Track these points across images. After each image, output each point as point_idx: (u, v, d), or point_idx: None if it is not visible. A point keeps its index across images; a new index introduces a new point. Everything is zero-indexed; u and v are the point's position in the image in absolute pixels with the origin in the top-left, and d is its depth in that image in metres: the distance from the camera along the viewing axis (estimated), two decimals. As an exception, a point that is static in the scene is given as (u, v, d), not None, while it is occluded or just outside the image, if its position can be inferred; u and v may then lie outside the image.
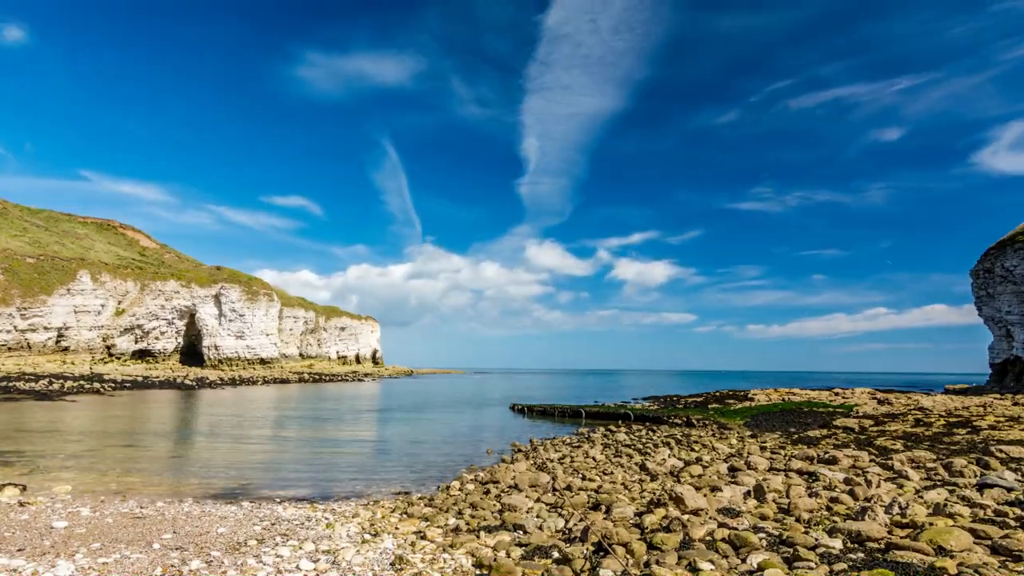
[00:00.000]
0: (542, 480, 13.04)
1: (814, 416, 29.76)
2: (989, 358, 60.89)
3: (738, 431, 25.30)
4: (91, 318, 74.56)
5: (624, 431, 25.15)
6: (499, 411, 39.53)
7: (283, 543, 8.43)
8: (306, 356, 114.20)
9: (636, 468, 15.12)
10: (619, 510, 9.62)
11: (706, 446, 19.74)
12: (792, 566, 6.70)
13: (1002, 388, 52.82)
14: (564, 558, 7.38)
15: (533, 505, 10.97)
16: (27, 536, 8.52)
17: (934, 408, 31.27)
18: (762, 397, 45.19)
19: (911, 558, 6.64)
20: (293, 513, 10.65)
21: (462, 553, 7.99)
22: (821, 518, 9.18)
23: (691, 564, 6.90)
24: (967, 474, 12.59)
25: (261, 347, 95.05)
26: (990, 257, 59.24)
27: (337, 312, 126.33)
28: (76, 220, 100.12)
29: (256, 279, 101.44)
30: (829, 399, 41.92)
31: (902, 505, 9.06)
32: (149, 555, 7.71)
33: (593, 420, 32.84)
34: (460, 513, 10.58)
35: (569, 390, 74.05)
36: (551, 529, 9.13)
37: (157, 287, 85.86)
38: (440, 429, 28.20)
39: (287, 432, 25.26)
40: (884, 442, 18.90)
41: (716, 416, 30.42)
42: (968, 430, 21.12)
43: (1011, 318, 56.24)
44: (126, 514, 10.19)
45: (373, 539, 8.73)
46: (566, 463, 16.40)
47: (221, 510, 10.82)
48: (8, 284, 65.89)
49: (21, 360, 64.61)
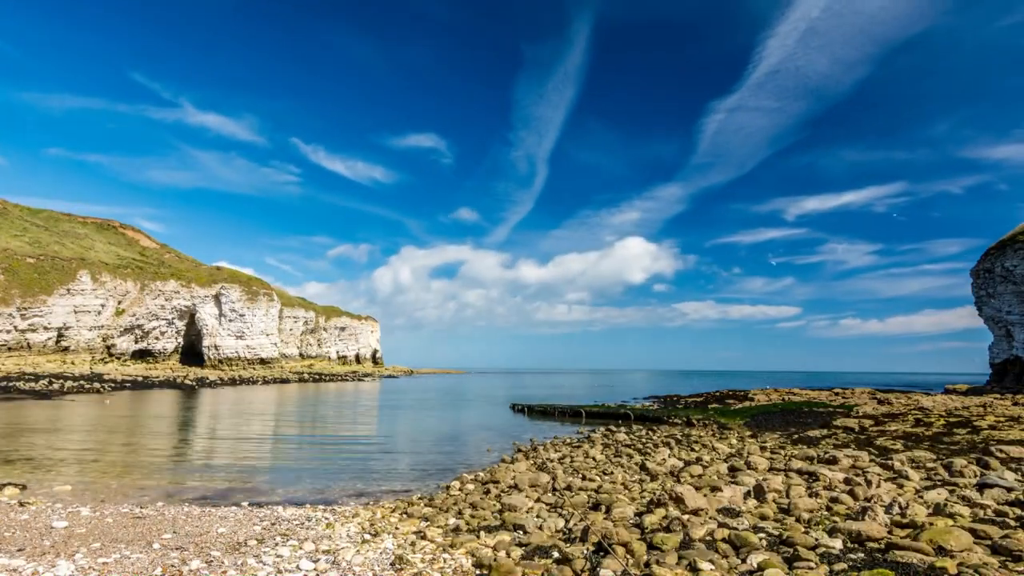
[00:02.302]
0: (542, 480, 13.04)
1: (814, 416, 29.73)
2: (989, 358, 60.85)
3: (738, 431, 25.29)
4: (91, 318, 74.56)
5: (624, 431, 25.14)
6: (499, 411, 39.53)
7: (283, 543, 8.42)
8: (306, 356, 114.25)
9: (636, 468, 15.11)
10: (619, 510, 9.62)
11: (706, 446, 19.73)
12: (792, 566, 6.70)
13: (1002, 388, 52.79)
14: (564, 558, 7.38)
15: (533, 505, 10.97)
16: (27, 536, 8.52)
17: (934, 408, 31.24)
18: (762, 397, 45.20)
19: (911, 558, 6.63)
20: (293, 513, 10.65)
21: (462, 553, 7.98)
22: (821, 518, 9.18)
23: (691, 564, 6.90)
24: (967, 474, 12.59)
25: (261, 347, 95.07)
26: (990, 257, 59.20)
27: (337, 312, 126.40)
28: (76, 220, 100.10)
29: (256, 279, 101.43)
30: (829, 399, 41.91)
31: (902, 505, 9.06)
32: (149, 555, 7.71)
33: (593, 420, 32.84)
34: (460, 513, 10.57)
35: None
36: (551, 529, 9.12)
37: (157, 287, 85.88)
38: (440, 429, 28.19)
39: (287, 432, 25.26)
40: (884, 442, 18.90)
41: (716, 416, 30.42)
42: (968, 430, 21.11)
43: (1011, 318, 56.25)
44: (126, 514, 10.19)
45: (373, 539, 8.73)
46: (566, 463, 16.39)
47: (221, 510, 10.82)
48: (8, 284, 65.89)
49: (21, 360, 64.61)
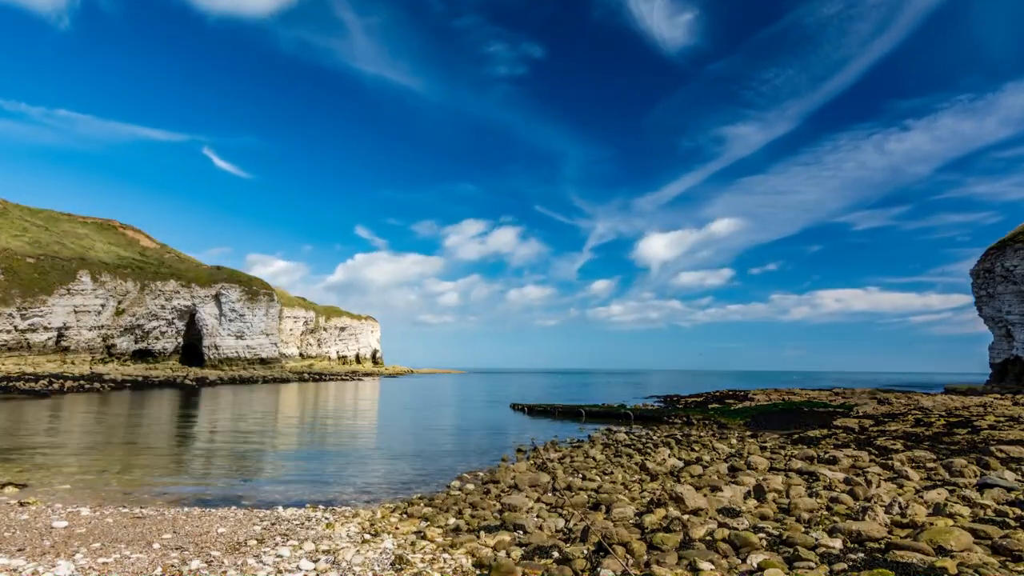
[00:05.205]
0: (542, 480, 13.04)
1: (814, 416, 29.72)
2: (989, 358, 60.88)
3: (738, 431, 25.29)
4: (91, 318, 74.55)
5: (624, 431, 25.14)
6: (499, 410, 39.53)
7: (283, 543, 8.42)
8: (306, 356, 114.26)
9: (636, 468, 15.11)
10: (619, 510, 9.62)
11: (706, 446, 19.72)
12: (792, 566, 6.70)
13: (1002, 388, 52.78)
14: (564, 558, 7.38)
15: (533, 505, 10.96)
16: (27, 536, 8.52)
17: (934, 408, 31.24)
18: (762, 397, 45.21)
19: (911, 558, 6.63)
20: (293, 513, 10.65)
21: (462, 553, 7.98)
22: (821, 518, 9.18)
23: (691, 564, 6.90)
24: (967, 474, 12.59)
25: (261, 347, 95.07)
26: (990, 257, 59.22)
27: (337, 312, 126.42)
28: (76, 220, 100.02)
29: (256, 279, 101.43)
30: (829, 399, 41.90)
31: (902, 505, 9.06)
32: (149, 555, 7.70)
33: (593, 420, 32.84)
34: (460, 513, 10.57)
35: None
36: (551, 529, 9.12)
37: (157, 287, 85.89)
38: (440, 428, 28.19)
39: (286, 432, 25.25)
40: (884, 442, 18.89)
41: (716, 416, 30.42)
42: (968, 430, 21.10)
43: (1011, 318, 56.27)
44: (126, 514, 10.19)
45: (373, 539, 8.73)
46: (566, 463, 16.39)
47: (221, 510, 10.82)
48: (8, 284, 65.89)
49: (21, 360, 64.61)
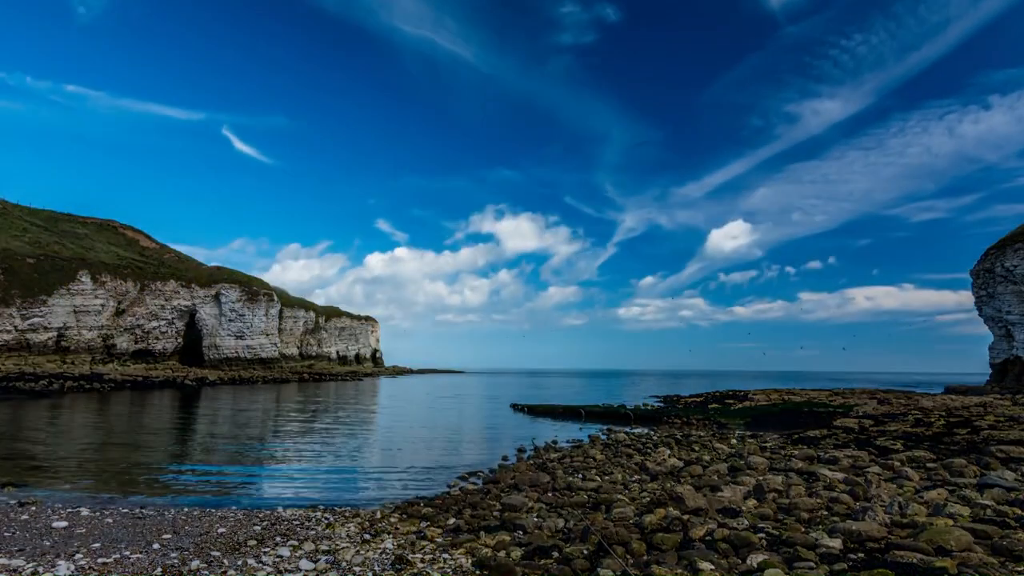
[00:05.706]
0: (542, 480, 13.03)
1: (814, 416, 29.70)
2: (989, 358, 60.82)
3: (738, 431, 25.29)
4: (91, 318, 74.53)
5: (624, 431, 25.13)
6: (500, 410, 39.51)
7: (283, 543, 8.42)
8: (306, 356, 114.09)
9: (636, 468, 15.10)
10: (619, 510, 9.61)
11: (706, 446, 19.72)
12: (792, 566, 6.69)
13: (1002, 388, 52.76)
14: (564, 558, 7.37)
15: (533, 505, 10.96)
16: (27, 536, 8.52)
17: (934, 408, 31.21)
18: (762, 397, 45.18)
19: (911, 558, 6.63)
20: (293, 513, 10.65)
21: (462, 553, 7.98)
22: (821, 518, 9.17)
23: (691, 564, 6.90)
24: (967, 474, 12.58)
25: (261, 347, 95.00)
26: (990, 257, 59.18)
27: (337, 312, 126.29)
28: (76, 220, 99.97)
29: (256, 279, 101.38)
30: (829, 399, 41.86)
31: (902, 505, 9.05)
32: (149, 555, 7.70)
33: (593, 420, 32.83)
34: (460, 513, 10.56)
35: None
36: (551, 529, 9.12)
37: (157, 287, 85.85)
38: (440, 428, 28.17)
39: (286, 432, 25.24)
40: (884, 442, 18.88)
41: (716, 416, 30.41)
42: (968, 430, 21.08)
43: (1011, 318, 56.25)
44: (126, 514, 10.18)
45: (373, 539, 8.72)
46: (566, 463, 16.38)
47: (221, 510, 10.82)
48: (8, 284, 65.89)
49: (21, 360, 64.57)
